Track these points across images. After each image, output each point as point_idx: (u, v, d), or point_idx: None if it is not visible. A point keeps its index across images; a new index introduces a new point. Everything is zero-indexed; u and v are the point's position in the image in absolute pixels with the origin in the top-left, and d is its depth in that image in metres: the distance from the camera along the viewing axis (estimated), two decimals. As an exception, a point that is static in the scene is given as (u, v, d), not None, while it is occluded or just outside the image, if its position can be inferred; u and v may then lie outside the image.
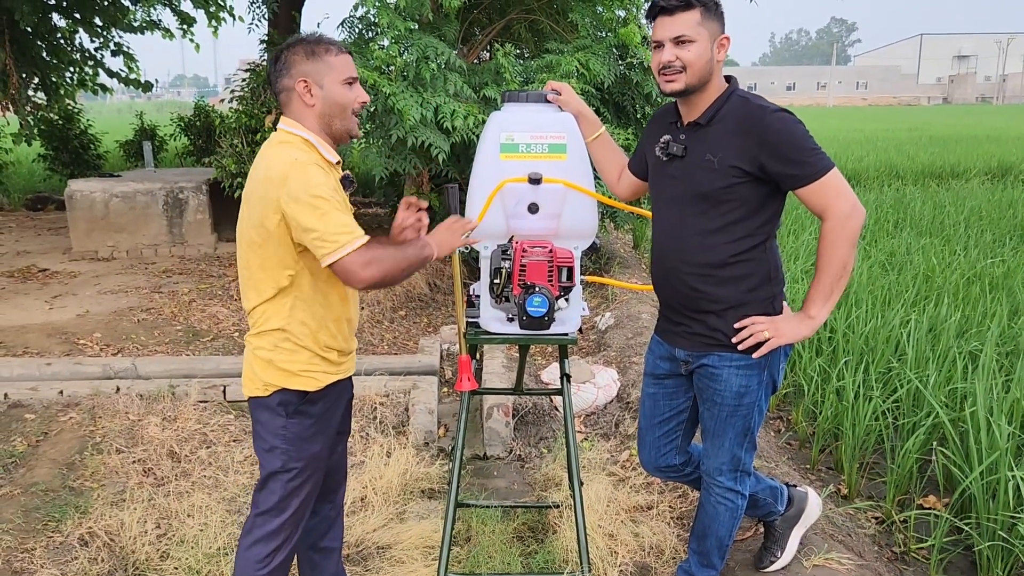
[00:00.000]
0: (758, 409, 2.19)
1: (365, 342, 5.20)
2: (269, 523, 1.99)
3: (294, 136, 1.93)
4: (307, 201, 1.78)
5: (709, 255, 2.09)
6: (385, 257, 1.85)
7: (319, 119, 1.93)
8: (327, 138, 1.96)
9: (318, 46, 1.91)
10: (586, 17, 5.71)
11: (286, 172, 1.80)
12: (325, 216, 1.79)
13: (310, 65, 1.90)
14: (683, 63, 2.00)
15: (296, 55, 1.91)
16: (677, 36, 2.00)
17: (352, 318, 2.08)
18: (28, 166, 12.49)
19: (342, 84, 1.92)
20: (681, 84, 2.03)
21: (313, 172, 1.82)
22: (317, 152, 1.93)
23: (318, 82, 1.90)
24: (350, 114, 1.95)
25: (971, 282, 5.05)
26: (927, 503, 3.17)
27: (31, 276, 6.54)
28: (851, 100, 74.91)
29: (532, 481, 3.45)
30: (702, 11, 1.99)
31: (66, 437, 3.55)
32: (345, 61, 1.94)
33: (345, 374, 2.10)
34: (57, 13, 10.17)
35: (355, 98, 1.95)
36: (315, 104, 1.91)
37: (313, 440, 2.01)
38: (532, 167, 2.30)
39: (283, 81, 1.92)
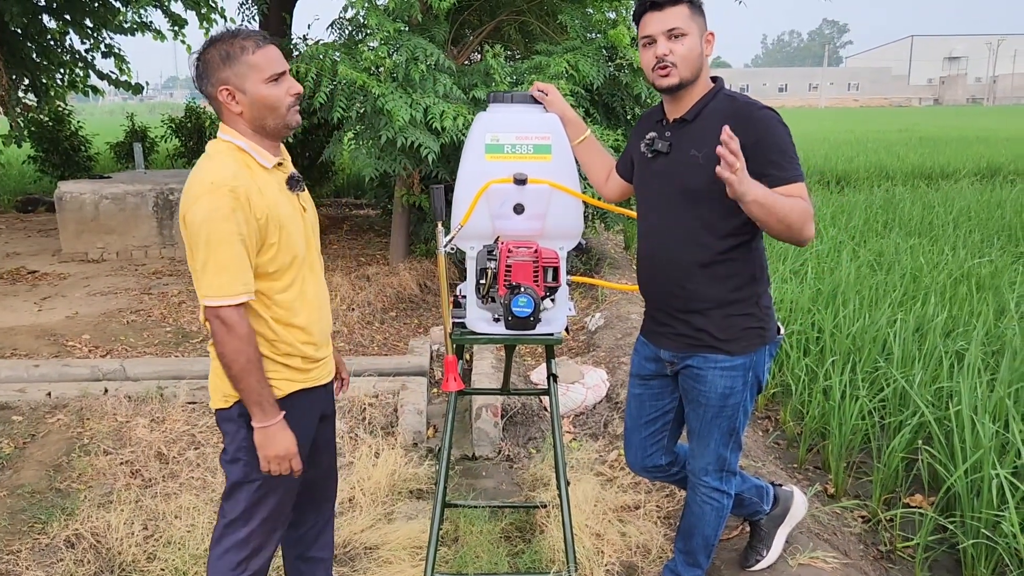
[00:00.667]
0: (743, 409, 2.20)
1: (355, 343, 5.20)
2: (237, 532, 1.93)
3: (228, 145, 1.82)
4: (202, 236, 1.70)
5: (694, 253, 2.10)
6: (245, 349, 1.75)
7: (250, 125, 1.82)
8: (264, 139, 1.85)
9: (232, 46, 1.76)
10: (576, 19, 5.72)
11: (199, 194, 1.71)
12: (207, 262, 1.71)
13: (228, 70, 1.76)
14: (676, 57, 2.01)
15: (212, 60, 1.77)
16: (670, 29, 2.00)
17: (318, 324, 1.97)
18: (18, 168, 12.45)
19: (267, 83, 1.78)
20: (676, 78, 2.03)
21: (222, 204, 1.69)
22: (252, 160, 1.82)
23: (240, 87, 1.77)
24: (284, 110, 1.82)
25: (958, 282, 5.08)
26: (913, 502, 3.19)
27: (20, 278, 6.52)
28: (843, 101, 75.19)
29: (520, 481, 3.46)
30: (690, 6, 2.01)
31: (53, 439, 3.54)
32: (267, 56, 1.79)
33: (314, 382, 1.99)
34: (47, 14, 10.14)
35: (285, 92, 1.82)
36: (242, 111, 1.79)
37: None
38: (517, 168, 2.31)
39: (207, 90, 1.80)
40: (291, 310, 1.89)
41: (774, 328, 2.21)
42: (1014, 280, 5.05)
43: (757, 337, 2.14)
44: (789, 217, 1.89)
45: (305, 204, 1.96)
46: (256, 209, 1.75)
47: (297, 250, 1.87)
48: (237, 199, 1.72)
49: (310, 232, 1.96)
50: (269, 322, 1.86)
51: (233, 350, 1.74)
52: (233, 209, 1.71)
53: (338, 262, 6.89)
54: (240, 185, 1.73)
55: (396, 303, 6.08)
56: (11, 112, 9.48)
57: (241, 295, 1.74)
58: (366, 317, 5.67)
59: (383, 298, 6.03)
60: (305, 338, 1.93)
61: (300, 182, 1.94)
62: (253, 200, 1.75)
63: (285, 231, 1.82)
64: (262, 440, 1.82)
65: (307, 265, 1.93)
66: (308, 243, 1.94)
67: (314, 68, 4.93)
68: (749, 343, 2.13)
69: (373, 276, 6.30)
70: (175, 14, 10.88)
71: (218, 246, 1.70)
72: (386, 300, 6.04)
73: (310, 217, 1.98)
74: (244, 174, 1.77)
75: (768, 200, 1.86)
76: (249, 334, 1.76)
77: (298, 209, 1.91)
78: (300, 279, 1.90)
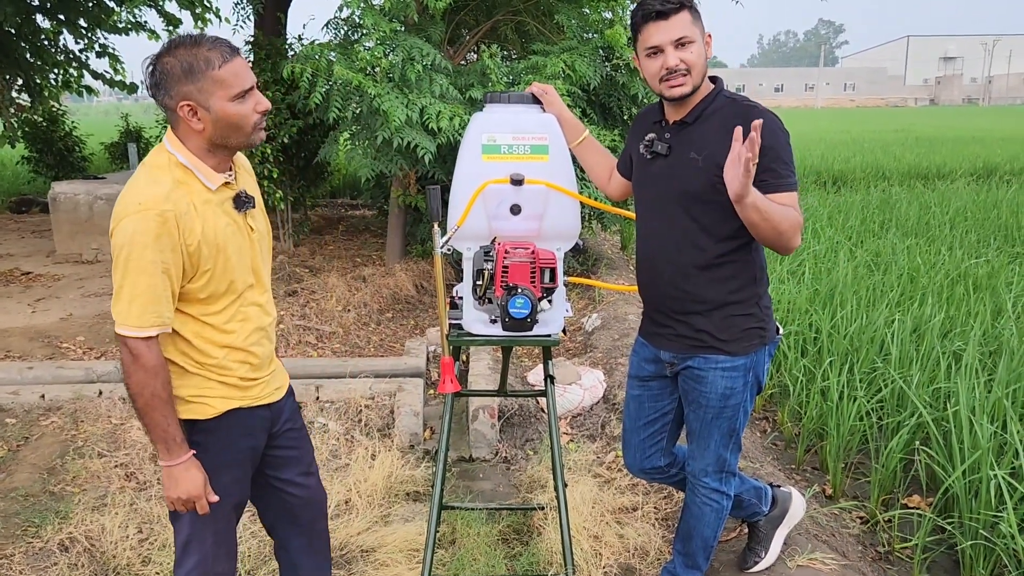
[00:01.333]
0: (743, 410, 2.19)
1: (351, 344, 5.18)
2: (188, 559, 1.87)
3: (170, 159, 1.69)
4: (121, 258, 1.60)
5: (694, 255, 2.08)
6: (150, 383, 1.64)
7: (209, 141, 1.69)
8: (215, 158, 1.73)
9: (196, 58, 1.61)
10: (572, 19, 5.71)
11: (125, 213, 1.60)
12: (123, 287, 1.61)
13: (190, 84, 1.62)
14: (688, 65, 1.98)
15: (172, 71, 1.62)
16: (679, 38, 1.96)
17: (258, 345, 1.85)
18: (12, 168, 12.40)
19: (234, 100, 1.66)
20: (689, 87, 2.00)
21: (147, 228, 1.58)
22: (192, 178, 1.70)
23: (203, 104, 1.64)
24: (250, 128, 1.71)
25: (955, 282, 5.08)
26: (911, 503, 3.18)
27: (14, 279, 6.48)
28: (839, 102, 75.33)
29: (518, 483, 3.44)
30: (690, 11, 1.99)
31: (47, 441, 3.51)
32: (234, 71, 1.65)
33: (254, 401, 1.88)
34: (41, 14, 10.10)
35: (252, 109, 1.70)
36: (203, 128, 1.66)
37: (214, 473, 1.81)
38: (514, 168, 2.29)
39: (163, 100, 1.66)
40: (226, 332, 1.79)
41: (773, 328, 2.20)
42: (1011, 280, 5.05)
43: (757, 337, 2.13)
44: (781, 225, 1.90)
45: (254, 224, 1.84)
46: (187, 235, 1.64)
47: (235, 275, 1.76)
48: (165, 224, 1.60)
49: (258, 252, 1.85)
50: (200, 342, 1.76)
51: (138, 382, 1.65)
52: (158, 236, 1.60)
53: (334, 263, 6.87)
54: (171, 209, 1.61)
55: (392, 304, 6.06)
56: (4, 112, 9.44)
57: (152, 328, 1.63)
58: (362, 318, 5.64)
59: (379, 299, 6.01)
60: (242, 358, 1.82)
61: (248, 202, 1.81)
62: (184, 225, 1.63)
63: (223, 256, 1.72)
64: (166, 479, 1.72)
65: (251, 287, 1.83)
66: (255, 264, 1.84)
67: (309, 68, 4.91)
68: (750, 343, 2.12)
69: (369, 277, 6.28)
70: (170, 14, 10.84)
71: (136, 274, 1.60)
72: (382, 301, 6.02)
73: (259, 236, 1.87)
74: (179, 195, 1.64)
75: (764, 205, 1.86)
76: (157, 368, 1.65)
77: (244, 230, 1.80)
78: (240, 302, 1.80)
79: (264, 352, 1.89)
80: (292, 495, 2.09)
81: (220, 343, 1.78)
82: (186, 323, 1.74)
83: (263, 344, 1.88)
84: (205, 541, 1.87)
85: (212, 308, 1.75)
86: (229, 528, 1.92)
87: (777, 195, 1.94)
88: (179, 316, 1.73)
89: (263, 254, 1.89)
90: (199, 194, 1.69)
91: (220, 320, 1.77)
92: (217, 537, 1.89)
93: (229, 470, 1.87)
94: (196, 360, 1.77)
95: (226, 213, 1.75)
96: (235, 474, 1.89)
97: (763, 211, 1.86)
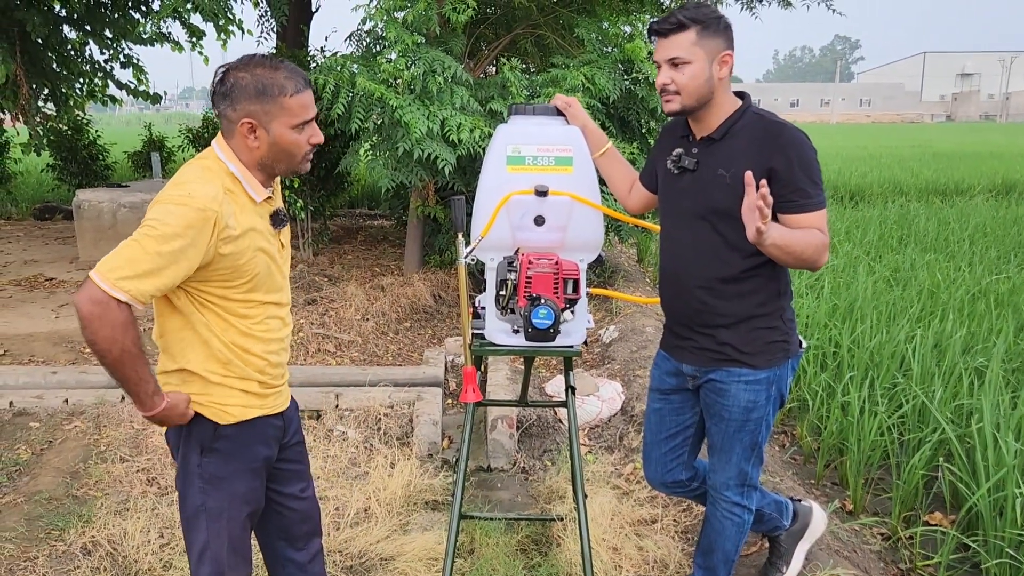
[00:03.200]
0: (766, 424, 2.19)
1: (369, 353, 5.20)
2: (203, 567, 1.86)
3: (220, 165, 1.72)
4: (145, 228, 1.58)
5: (719, 269, 2.09)
6: (120, 339, 1.56)
7: (259, 161, 1.73)
8: (262, 175, 1.76)
9: (272, 82, 1.66)
10: (592, 32, 5.74)
11: (170, 199, 1.61)
12: (128, 243, 1.57)
13: (259, 104, 1.66)
14: (677, 86, 2.02)
15: (245, 86, 1.66)
16: (671, 58, 2.01)
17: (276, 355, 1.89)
18: (37, 176, 12.57)
19: (293, 128, 1.70)
20: (677, 105, 2.05)
21: (183, 216, 1.58)
22: (240, 188, 1.73)
23: (265, 125, 1.68)
24: (300, 158, 1.76)
25: (976, 298, 5.04)
26: (933, 520, 3.15)
27: (38, 285, 6.56)
28: (854, 117, 75.04)
29: (536, 493, 3.44)
30: (699, 30, 1.98)
31: (70, 446, 3.55)
32: (301, 103, 1.70)
33: (272, 409, 1.91)
34: (68, 25, 10.26)
35: (306, 140, 1.74)
36: (259, 147, 1.70)
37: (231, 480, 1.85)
38: (538, 179, 2.31)
39: (225, 109, 1.69)
40: (256, 339, 1.82)
41: (796, 341, 2.20)
42: (1033, 297, 5.01)
43: (781, 351, 2.13)
44: (804, 253, 1.94)
45: (284, 240, 1.90)
46: (223, 240, 1.65)
47: (266, 286, 1.80)
48: (205, 221, 1.60)
49: (285, 266, 1.91)
50: (227, 346, 1.78)
51: (106, 338, 1.56)
52: (190, 226, 1.58)
53: (353, 272, 6.91)
54: (216, 209, 1.62)
55: (410, 313, 6.09)
56: (31, 121, 9.58)
57: (124, 293, 1.54)
58: (380, 327, 5.67)
59: (397, 308, 6.04)
60: (262, 366, 1.85)
61: (284, 219, 1.86)
62: (223, 230, 1.64)
63: (255, 267, 1.75)
64: (155, 423, 1.75)
65: (278, 300, 1.87)
66: (282, 279, 1.89)
67: (332, 80, 4.97)
68: (773, 356, 2.12)
69: (387, 286, 6.32)
70: (193, 26, 10.98)
71: (149, 242, 1.56)
72: (400, 310, 6.05)
73: (287, 252, 1.93)
74: (227, 200, 1.66)
75: (784, 240, 1.89)
76: (127, 324, 1.56)
77: (276, 244, 1.83)
78: (266, 312, 1.84)
79: (280, 362, 1.93)
80: (291, 509, 2.08)
81: (250, 350, 1.81)
82: (216, 321, 1.76)
83: (281, 354, 1.92)
84: (220, 550, 1.86)
85: (242, 312, 1.78)
86: (244, 536, 1.92)
87: (804, 216, 1.97)
88: (211, 314, 1.75)
89: (286, 270, 1.94)
90: (243, 204, 1.73)
91: (256, 327, 1.81)
92: (232, 544, 1.88)
93: (245, 478, 1.88)
94: (220, 371, 1.79)
95: (265, 227, 1.79)
96: (251, 482, 1.90)
97: (783, 246, 1.90)
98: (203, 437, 1.80)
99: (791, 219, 1.98)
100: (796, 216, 1.97)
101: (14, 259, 7.66)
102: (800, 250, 1.92)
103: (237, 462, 1.85)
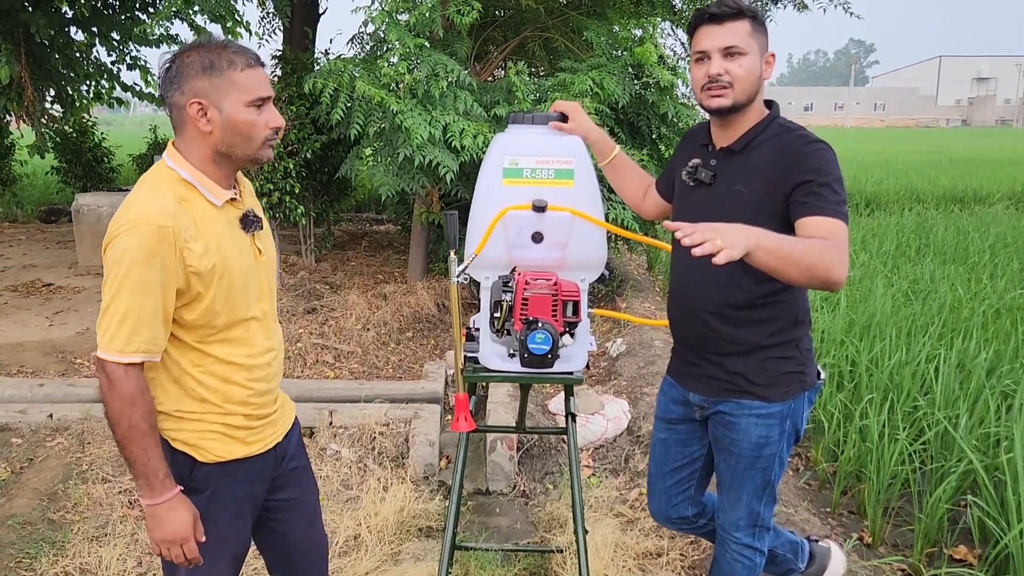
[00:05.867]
0: (779, 461, 2.01)
1: (369, 365, 5.05)
2: None
3: (171, 174, 1.58)
4: (112, 274, 1.49)
5: (733, 295, 1.91)
6: (128, 413, 1.50)
7: (214, 149, 1.58)
8: (220, 171, 1.62)
9: (220, 57, 1.54)
10: (601, 36, 5.57)
11: (120, 230, 1.48)
12: (110, 305, 1.49)
13: (207, 81, 1.53)
14: (732, 77, 1.82)
15: (191, 65, 1.54)
16: (728, 47, 1.81)
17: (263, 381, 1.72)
18: (43, 178, 12.52)
19: (247, 106, 1.57)
20: (729, 100, 1.84)
21: (142, 244, 1.46)
22: (197, 194, 1.59)
23: (216, 104, 1.54)
24: (259, 142, 1.61)
25: (1000, 314, 4.83)
26: (957, 553, 2.96)
27: (35, 291, 6.46)
28: (869, 121, 74.42)
29: (536, 520, 3.28)
30: (752, 23, 1.83)
31: (51, 464, 3.41)
32: (255, 77, 1.58)
33: (261, 448, 1.75)
34: (75, 26, 10.19)
35: (265, 123, 1.60)
36: (211, 131, 1.56)
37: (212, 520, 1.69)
38: (537, 193, 2.15)
39: (174, 96, 1.55)
40: (229, 363, 1.65)
41: (814, 372, 2.03)
42: (1060, 313, 4.79)
43: (796, 383, 1.95)
44: (807, 258, 1.59)
45: (262, 246, 1.72)
46: (187, 254, 1.52)
47: (239, 301, 1.63)
48: (162, 240, 1.48)
49: (263, 277, 1.72)
50: (201, 383, 1.63)
51: (115, 411, 1.50)
52: (152, 253, 1.47)
53: (355, 279, 6.77)
54: (170, 224, 1.49)
55: (413, 323, 5.93)
56: (36, 123, 9.51)
57: (137, 354, 1.50)
58: (381, 337, 5.52)
59: (399, 318, 5.88)
60: (245, 395, 1.68)
61: (256, 222, 1.70)
62: (184, 243, 1.51)
63: (227, 279, 1.59)
64: (149, 520, 1.58)
65: (257, 316, 1.69)
66: (260, 290, 1.70)
67: (332, 83, 4.82)
68: (788, 389, 1.95)
69: (390, 295, 6.17)
70: (200, 27, 10.90)
71: (127, 293, 1.47)
72: (403, 320, 5.89)
73: (267, 259, 1.75)
74: (181, 211, 1.53)
75: (775, 245, 1.57)
76: (135, 396, 1.51)
77: (252, 251, 1.68)
78: (244, 331, 1.66)
79: (269, 389, 1.74)
80: (292, 542, 1.94)
81: (221, 376, 1.64)
82: (184, 353, 1.61)
83: (268, 380, 1.73)
84: None
85: (214, 337, 1.62)
86: None
87: (817, 219, 1.70)
88: (176, 345, 1.60)
89: (269, 279, 1.76)
90: (203, 211, 1.58)
91: (223, 351, 1.63)
92: None
93: (228, 519, 1.72)
94: (196, 410, 1.64)
95: (232, 233, 1.63)
96: (234, 524, 1.75)
97: (778, 253, 1.57)
98: (180, 473, 1.64)
99: (803, 222, 1.73)
100: (809, 219, 1.72)
101: (13, 263, 7.57)
102: (799, 256, 1.58)
103: (218, 503, 1.70)
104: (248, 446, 1.71)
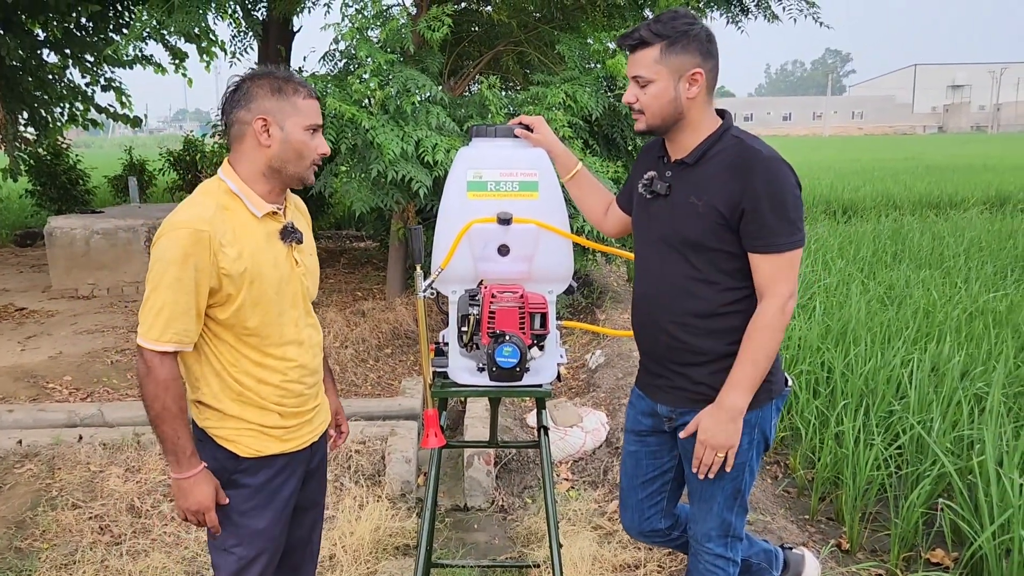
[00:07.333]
0: (749, 470, 2.00)
1: (348, 382, 5.01)
2: None
3: (221, 185, 1.76)
4: (153, 272, 1.66)
5: (693, 304, 1.91)
6: (161, 396, 1.67)
7: (268, 163, 1.74)
8: (267, 186, 1.77)
9: (287, 84, 1.74)
10: (574, 49, 5.60)
11: (163, 231, 1.67)
12: (148, 298, 1.66)
13: (274, 103, 1.72)
14: (641, 104, 1.89)
15: (261, 89, 1.73)
16: (635, 76, 1.88)
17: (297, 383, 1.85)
18: (18, 201, 12.39)
19: (305, 129, 1.75)
20: (643, 125, 1.92)
21: (179, 245, 1.63)
22: (239, 205, 1.75)
23: (279, 123, 1.73)
24: (308, 163, 1.78)
25: (974, 317, 4.88)
26: (934, 557, 2.97)
27: (7, 315, 6.36)
28: (847, 130, 75.25)
29: (514, 535, 3.25)
30: (663, 46, 1.83)
31: (20, 491, 3.34)
32: (313, 107, 1.78)
33: (296, 448, 1.88)
34: (47, 48, 10.13)
35: (315, 147, 1.78)
36: (271, 146, 1.73)
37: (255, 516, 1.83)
38: (501, 206, 2.15)
39: (239, 113, 1.74)
40: (268, 368, 1.79)
41: (781, 380, 2.02)
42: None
43: (763, 391, 1.95)
44: (768, 348, 1.85)
45: (299, 258, 1.86)
46: (221, 257, 1.67)
47: (272, 308, 1.76)
48: (197, 243, 1.64)
49: (299, 286, 1.85)
50: (237, 376, 1.77)
51: (149, 394, 1.68)
52: (187, 254, 1.63)
53: (333, 297, 6.73)
54: (206, 229, 1.65)
55: (392, 339, 5.90)
56: (9, 147, 9.43)
57: (169, 343, 1.67)
58: (360, 355, 5.48)
59: (378, 334, 5.85)
60: (279, 396, 1.82)
61: (294, 233, 1.83)
62: (219, 247, 1.67)
63: (258, 286, 1.72)
64: (176, 491, 1.75)
65: (294, 323, 1.83)
66: (295, 299, 1.83)
67: (305, 101, 4.80)
68: (755, 398, 1.94)
69: (369, 311, 6.13)
70: (175, 47, 10.87)
71: (161, 288, 1.65)
72: (381, 336, 5.86)
73: (305, 271, 1.88)
74: (220, 218, 1.69)
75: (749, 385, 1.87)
76: (168, 382, 1.68)
77: (288, 262, 1.81)
78: (279, 337, 1.79)
79: (304, 391, 1.87)
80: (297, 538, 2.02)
81: (265, 380, 1.78)
82: (224, 351, 1.76)
83: (305, 381, 1.86)
84: None
85: (248, 338, 1.76)
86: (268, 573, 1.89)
87: (767, 257, 1.82)
88: (218, 343, 1.75)
89: (306, 288, 1.89)
90: (243, 221, 1.73)
91: (256, 354, 1.77)
92: None
93: (265, 515, 1.84)
94: (235, 407, 1.77)
95: (271, 244, 1.77)
96: (272, 518, 1.85)
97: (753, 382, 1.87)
98: (224, 467, 1.79)
99: (759, 259, 1.84)
100: (765, 256, 1.82)
101: (-14, 288, 7.45)
102: (765, 358, 1.85)
103: (257, 498, 1.82)
104: (284, 443, 1.84)
